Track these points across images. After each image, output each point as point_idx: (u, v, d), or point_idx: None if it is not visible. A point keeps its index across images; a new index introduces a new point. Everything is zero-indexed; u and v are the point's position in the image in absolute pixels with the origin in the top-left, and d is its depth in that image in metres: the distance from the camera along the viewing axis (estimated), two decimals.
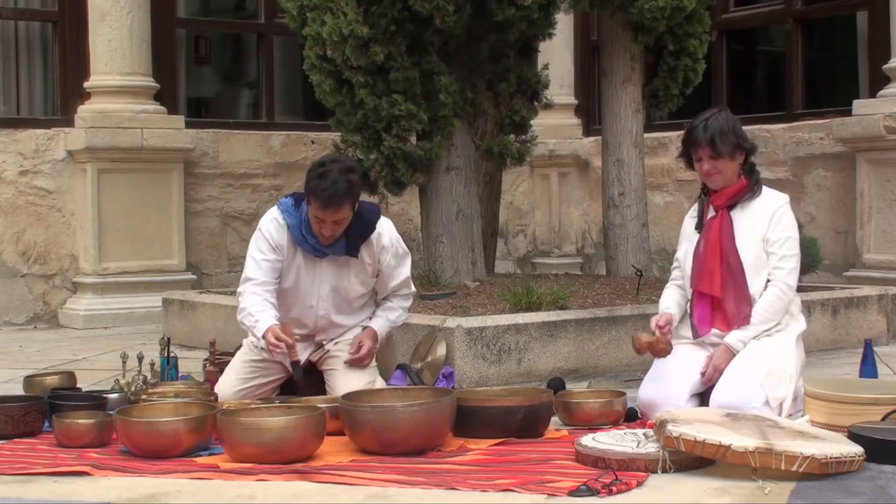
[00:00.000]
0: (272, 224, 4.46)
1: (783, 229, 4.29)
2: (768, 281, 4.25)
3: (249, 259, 4.47)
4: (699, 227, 4.40)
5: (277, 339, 4.24)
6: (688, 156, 4.39)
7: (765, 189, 4.38)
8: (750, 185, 4.33)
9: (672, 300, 4.45)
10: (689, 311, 4.38)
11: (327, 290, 4.49)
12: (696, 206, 4.49)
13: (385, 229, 4.50)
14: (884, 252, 7.67)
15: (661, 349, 4.23)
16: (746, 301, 4.24)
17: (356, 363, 4.48)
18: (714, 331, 4.29)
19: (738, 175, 4.33)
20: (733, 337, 4.23)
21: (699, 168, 4.33)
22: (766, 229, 4.27)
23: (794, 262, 4.29)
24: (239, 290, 4.49)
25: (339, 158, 4.56)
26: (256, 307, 4.37)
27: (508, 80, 6.64)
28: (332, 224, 4.28)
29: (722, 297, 4.26)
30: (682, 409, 3.98)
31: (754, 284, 4.25)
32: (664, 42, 6.78)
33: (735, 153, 4.29)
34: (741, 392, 4.03)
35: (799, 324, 4.36)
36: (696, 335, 4.33)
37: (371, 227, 4.43)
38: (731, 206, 4.33)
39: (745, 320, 4.23)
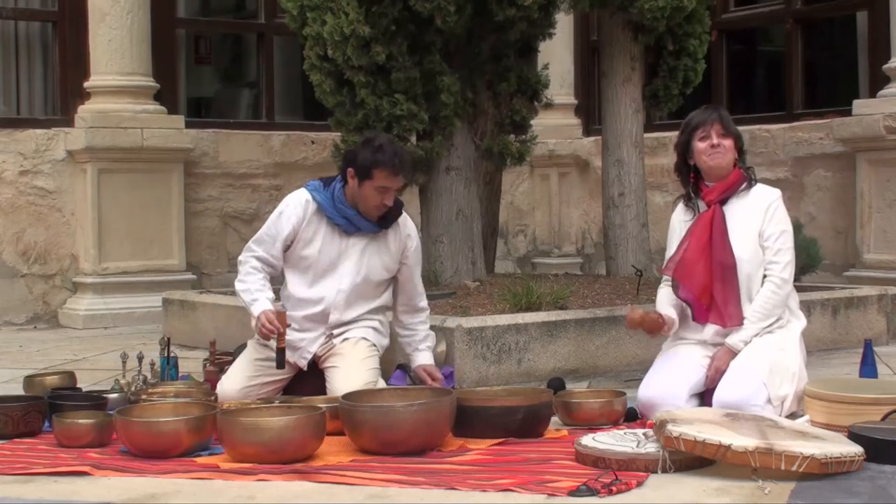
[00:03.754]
0: (296, 199, 4.58)
1: (778, 223, 4.30)
2: (765, 276, 4.26)
3: (262, 231, 4.62)
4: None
5: (271, 322, 4.33)
6: (685, 144, 4.35)
7: (756, 184, 4.40)
8: (745, 176, 4.34)
9: (669, 305, 4.42)
10: (684, 305, 4.37)
11: (352, 266, 4.57)
12: (682, 207, 4.46)
13: (408, 216, 4.68)
14: (884, 252, 7.67)
15: (653, 319, 4.30)
16: (737, 300, 4.24)
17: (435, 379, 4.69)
18: (716, 328, 4.28)
19: (734, 166, 4.34)
20: (734, 338, 4.23)
21: (703, 148, 4.29)
22: (762, 223, 4.28)
23: (789, 256, 4.29)
24: (241, 257, 4.61)
25: (375, 134, 4.85)
26: (256, 286, 4.50)
27: (508, 80, 6.63)
28: (393, 192, 4.48)
29: (713, 295, 4.25)
30: (682, 409, 3.98)
31: (755, 280, 4.26)
32: (664, 42, 6.78)
33: (735, 141, 4.32)
34: (743, 390, 4.03)
35: (800, 321, 4.37)
36: (695, 320, 4.33)
37: (401, 204, 4.61)
38: (723, 201, 4.33)
39: (738, 321, 4.22)
